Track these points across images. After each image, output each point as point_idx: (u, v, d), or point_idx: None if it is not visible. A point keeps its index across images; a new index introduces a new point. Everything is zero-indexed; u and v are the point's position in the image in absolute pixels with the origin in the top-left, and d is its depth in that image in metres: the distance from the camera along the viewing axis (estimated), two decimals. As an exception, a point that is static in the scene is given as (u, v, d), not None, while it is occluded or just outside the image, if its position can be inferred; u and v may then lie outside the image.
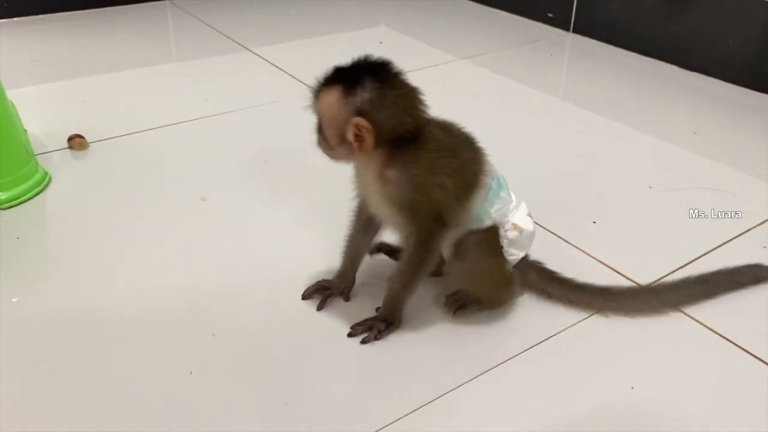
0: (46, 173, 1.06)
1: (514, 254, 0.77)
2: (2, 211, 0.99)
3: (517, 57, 1.70)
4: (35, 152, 1.11)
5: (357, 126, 0.66)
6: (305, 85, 1.47)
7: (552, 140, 1.29)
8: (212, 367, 0.73)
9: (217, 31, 1.85)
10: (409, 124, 0.69)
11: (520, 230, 0.77)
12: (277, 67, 1.61)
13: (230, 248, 0.92)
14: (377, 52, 1.69)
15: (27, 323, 0.79)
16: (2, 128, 0.97)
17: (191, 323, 0.79)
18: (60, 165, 1.12)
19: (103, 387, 0.70)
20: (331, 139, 0.69)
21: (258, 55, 1.69)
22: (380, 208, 0.74)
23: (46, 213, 1.00)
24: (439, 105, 1.41)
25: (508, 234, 0.76)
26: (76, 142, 1.16)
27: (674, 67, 1.62)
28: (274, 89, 1.48)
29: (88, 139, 1.18)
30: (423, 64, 1.63)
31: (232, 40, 1.79)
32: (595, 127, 1.34)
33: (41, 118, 1.27)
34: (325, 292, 0.82)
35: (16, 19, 1.86)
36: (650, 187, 1.11)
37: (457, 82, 1.55)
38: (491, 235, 0.76)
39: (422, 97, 0.71)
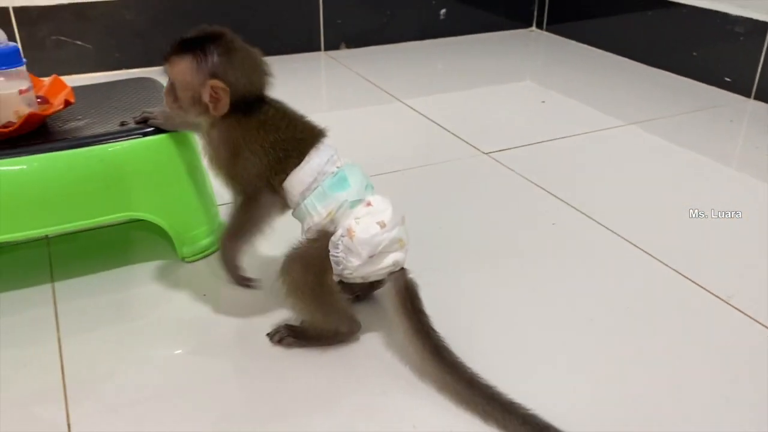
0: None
1: (346, 267, 0.75)
2: (188, 264, 0.99)
3: (691, 124, 1.58)
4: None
5: (213, 88, 0.74)
6: (463, 140, 1.52)
7: (727, 216, 1.15)
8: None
9: (370, 82, 1.86)
10: (256, 88, 0.78)
11: (353, 234, 0.74)
12: (429, 119, 1.59)
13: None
14: (540, 111, 1.65)
15: (190, 375, 0.77)
16: (195, 181, 0.97)
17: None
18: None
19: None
20: (185, 102, 0.78)
21: (410, 107, 1.68)
22: (211, 170, 0.82)
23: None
24: (604, 172, 1.33)
25: (341, 240, 0.75)
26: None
27: None
28: (430, 142, 1.45)
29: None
30: (588, 128, 1.55)
31: (385, 91, 1.80)
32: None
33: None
34: None
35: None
36: None
37: (625, 149, 1.45)
38: (315, 247, 0.77)
39: (264, 61, 0.79)
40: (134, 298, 0.92)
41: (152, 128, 0.92)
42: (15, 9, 1.69)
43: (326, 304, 0.78)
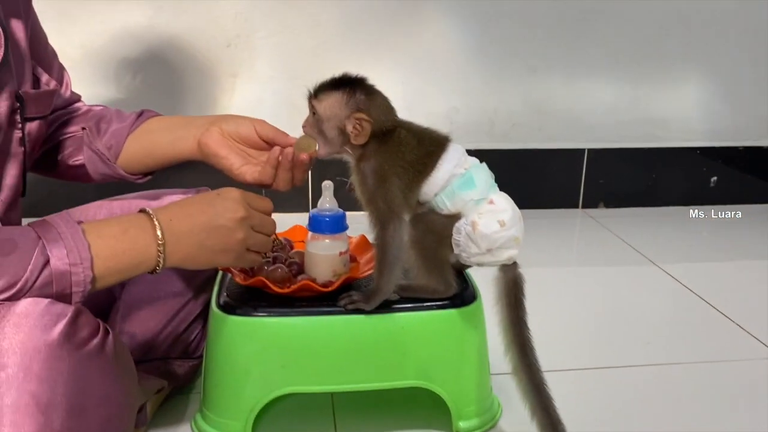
0: (497, 400, 1.04)
1: (464, 251, 0.89)
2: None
3: None
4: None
5: (358, 119, 0.86)
6: (738, 325, 1.37)
7: None
8: None
9: (626, 242, 1.82)
10: (390, 121, 0.89)
11: (476, 227, 0.86)
12: (690, 290, 1.50)
13: None
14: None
15: None
16: (480, 358, 0.98)
17: None
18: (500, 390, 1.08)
19: None
20: (329, 133, 0.88)
21: (668, 273, 1.61)
22: (361, 202, 0.91)
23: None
24: None
25: (464, 227, 0.88)
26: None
27: None
28: (691, 319, 1.36)
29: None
30: None
31: (641, 253, 1.74)
32: None
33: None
34: None
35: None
36: None
37: None
38: (444, 222, 0.90)
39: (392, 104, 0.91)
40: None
41: (450, 301, 0.95)
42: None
43: (435, 266, 0.91)
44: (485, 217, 0.88)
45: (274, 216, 0.88)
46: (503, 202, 0.90)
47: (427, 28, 1.91)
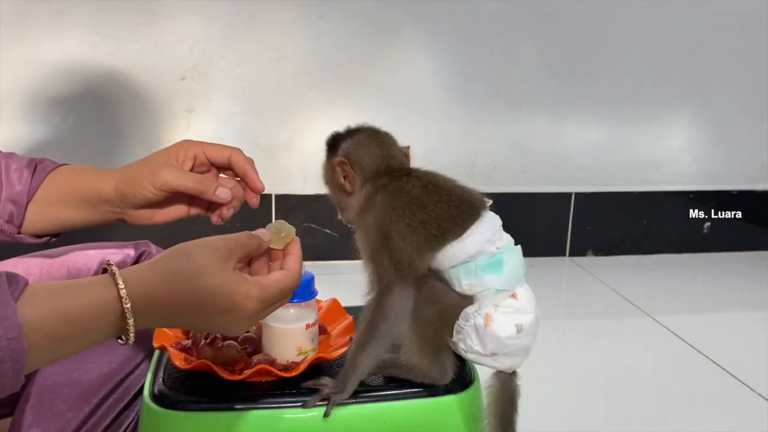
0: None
1: (465, 342, 0.73)
2: None
3: None
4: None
5: (340, 166, 0.76)
6: (740, 381, 1.25)
7: None
8: None
9: (617, 292, 1.73)
10: (384, 160, 0.76)
11: (489, 323, 0.72)
12: (687, 342, 1.42)
13: None
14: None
15: None
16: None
17: None
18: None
19: None
20: (335, 195, 0.79)
21: (662, 325, 1.52)
22: (363, 260, 0.77)
23: None
24: None
25: (475, 317, 0.73)
26: None
27: None
28: (690, 373, 1.28)
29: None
30: None
31: (633, 303, 1.65)
32: None
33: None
34: None
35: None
36: None
37: None
38: (455, 300, 0.75)
39: (396, 143, 0.79)
40: None
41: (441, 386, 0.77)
42: (277, 196, 1.76)
43: (432, 348, 0.75)
44: (503, 314, 0.73)
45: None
46: (528, 301, 0.75)
47: (404, 64, 1.81)
